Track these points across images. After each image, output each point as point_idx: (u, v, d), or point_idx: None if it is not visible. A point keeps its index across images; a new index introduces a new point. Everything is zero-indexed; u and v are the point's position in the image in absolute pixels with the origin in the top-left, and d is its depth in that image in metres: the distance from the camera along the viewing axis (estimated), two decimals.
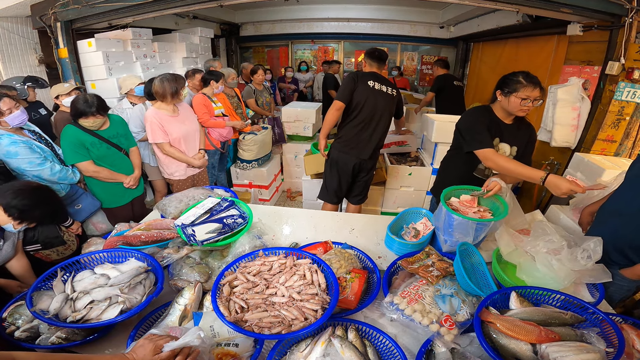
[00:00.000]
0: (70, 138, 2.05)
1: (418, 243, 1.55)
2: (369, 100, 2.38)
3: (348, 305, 1.20)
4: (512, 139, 1.75)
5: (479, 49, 5.55)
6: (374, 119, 2.43)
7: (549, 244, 1.23)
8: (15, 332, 1.14)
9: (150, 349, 0.87)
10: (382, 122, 2.48)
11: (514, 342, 0.97)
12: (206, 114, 3.05)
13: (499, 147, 1.74)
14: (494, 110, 1.76)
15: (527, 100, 1.60)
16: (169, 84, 2.34)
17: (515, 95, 1.62)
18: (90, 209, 2.16)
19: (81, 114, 2.03)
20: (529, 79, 1.59)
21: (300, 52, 7.04)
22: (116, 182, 2.26)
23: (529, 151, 1.83)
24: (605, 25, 2.48)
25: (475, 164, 1.80)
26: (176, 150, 2.48)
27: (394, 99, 2.50)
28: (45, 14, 2.83)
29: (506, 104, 1.67)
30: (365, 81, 2.38)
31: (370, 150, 2.51)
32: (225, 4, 2.96)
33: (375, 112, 2.42)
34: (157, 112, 2.39)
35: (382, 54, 2.48)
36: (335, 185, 2.66)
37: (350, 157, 2.51)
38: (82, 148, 2.08)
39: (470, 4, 2.72)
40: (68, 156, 2.07)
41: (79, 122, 2.07)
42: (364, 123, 2.43)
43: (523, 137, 1.78)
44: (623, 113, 2.47)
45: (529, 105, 1.61)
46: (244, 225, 1.49)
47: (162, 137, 2.39)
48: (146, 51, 3.62)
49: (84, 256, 1.36)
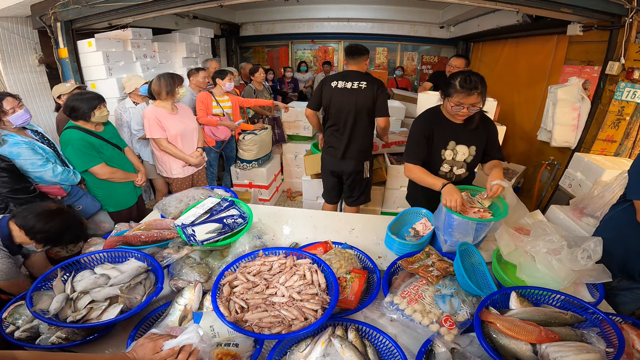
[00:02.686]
0: (78, 142, 1.99)
1: (418, 243, 1.55)
2: (332, 100, 2.38)
3: (348, 305, 1.20)
4: (467, 139, 1.71)
5: (479, 49, 5.55)
6: (342, 118, 2.39)
7: (549, 244, 1.22)
8: (15, 332, 1.14)
9: (150, 347, 0.87)
10: (353, 120, 2.36)
11: (514, 342, 0.97)
12: (202, 111, 3.06)
13: (456, 150, 1.72)
14: (443, 112, 1.72)
15: (460, 106, 1.55)
16: (165, 82, 2.37)
17: (448, 100, 1.58)
18: (91, 210, 2.16)
19: (95, 105, 2.00)
20: (464, 85, 1.50)
21: (301, 52, 7.04)
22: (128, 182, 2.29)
23: (495, 146, 1.76)
24: (605, 25, 2.48)
25: (436, 168, 1.77)
26: (173, 146, 2.49)
27: (363, 92, 2.29)
28: (45, 14, 2.83)
29: (444, 106, 1.65)
30: (329, 83, 2.39)
31: (342, 151, 2.46)
32: (225, 4, 2.96)
33: (341, 111, 2.37)
34: (155, 108, 2.41)
35: (354, 48, 2.35)
36: (325, 184, 2.77)
37: (329, 157, 2.58)
38: (93, 150, 2.05)
39: (470, 4, 2.72)
40: (79, 162, 2.02)
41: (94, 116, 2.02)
42: (335, 124, 2.45)
43: (480, 134, 1.72)
44: (623, 113, 2.47)
45: (463, 111, 1.56)
46: (244, 225, 1.49)
47: (159, 132, 2.41)
48: (146, 51, 3.63)
49: (84, 256, 1.36)
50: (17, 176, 1.74)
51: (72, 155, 2.02)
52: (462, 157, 1.74)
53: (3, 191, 1.66)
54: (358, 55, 2.35)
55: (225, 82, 3.21)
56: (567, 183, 2.54)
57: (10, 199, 1.69)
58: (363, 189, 2.67)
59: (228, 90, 3.32)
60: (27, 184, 1.76)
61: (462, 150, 1.72)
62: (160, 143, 2.45)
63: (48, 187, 1.95)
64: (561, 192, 2.63)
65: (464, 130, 1.70)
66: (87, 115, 2.01)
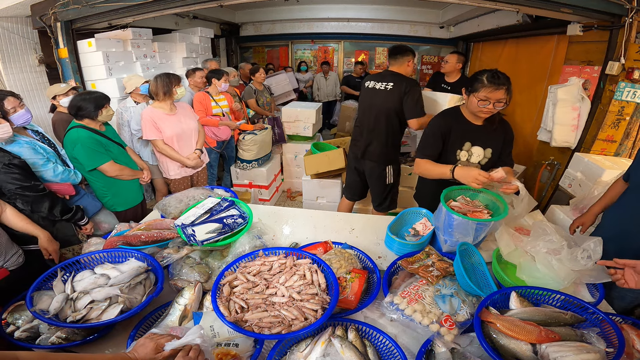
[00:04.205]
0: (87, 140, 1.99)
1: (418, 243, 1.55)
2: (363, 100, 2.48)
3: (348, 305, 1.20)
4: (484, 141, 1.71)
5: (479, 49, 5.55)
6: (365, 119, 2.45)
7: (549, 244, 1.22)
8: (15, 332, 1.14)
9: (151, 347, 0.87)
10: (374, 121, 2.38)
11: (514, 342, 0.97)
12: (202, 112, 3.06)
13: (471, 151, 1.71)
14: (463, 113, 1.72)
15: (486, 101, 1.54)
16: (162, 82, 2.37)
17: (474, 95, 1.57)
18: (92, 210, 2.16)
19: (97, 107, 2.00)
20: (492, 79, 1.50)
21: (301, 52, 7.03)
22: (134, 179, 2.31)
23: (507, 151, 1.76)
24: (605, 25, 2.48)
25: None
26: (169, 148, 2.49)
27: (388, 93, 2.30)
28: (45, 14, 2.83)
29: (468, 103, 1.64)
30: (365, 82, 2.47)
31: (362, 150, 2.48)
32: (225, 4, 2.96)
33: (367, 111, 2.42)
34: (152, 110, 2.41)
35: (395, 48, 2.37)
36: (347, 177, 2.81)
37: (352, 153, 2.65)
38: (102, 147, 2.05)
39: (470, 4, 2.72)
40: (89, 160, 2.01)
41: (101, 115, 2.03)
42: (359, 124, 2.52)
43: (497, 137, 1.72)
44: (623, 113, 2.47)
45: (488, 107, 1.55)
46: (244, 225, 1.49)
47: (155, 134, 2.41)
48: (146, 51, 3.62)
49: (84, 256, 1.36)
50: (28, 174, 1.74)
51: (82, 153, 2.00)
52: (476, 159, 1.73)
53: (12, 187, 1.65)
54: (399, 55, 2.32)
55: (221, 82, 3.21)
56: (567, 183, 2.54)
57: (19, 196, 1.68)
58: (386, 195, 2.59)
59: (223, 90, 3.32)
60: (37, 183, 1.76)
61: (478, 152, 1.71)
62: (156, 144, 2.46)
63: (57, 185, 1.95)
64: (561, 192, 2.63)
65: (481, 132, 1.70)
66: (95, 114, 2.02)
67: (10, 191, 1.66)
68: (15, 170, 1.65)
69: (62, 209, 1.84)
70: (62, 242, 1.84)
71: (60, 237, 1.83)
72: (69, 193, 2.04)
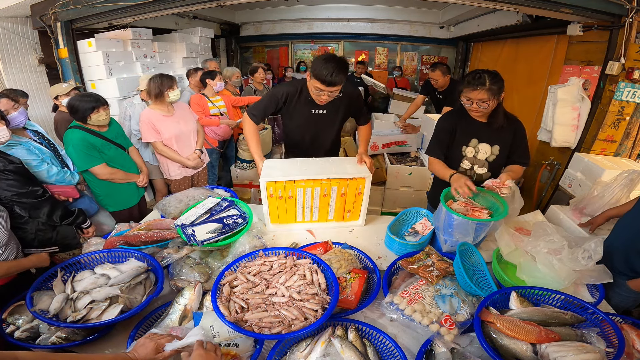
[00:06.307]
0: (79, 142, 1.98)
1: (418, 243, 1.55)
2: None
3: (348, 305, 1.20)
4: (491, 138, 1.72)
5: (479, 49, 5.55)
6: None
7: (549, 244, 1.22)
8: (15, 332, 1.14)
9: (151, 347, 0.87)
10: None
11: (514, 342, 0.97)
12: (200, 113, 3.06)
13: (478, 148, 1.73)
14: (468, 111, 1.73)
15: (469, 101, 1.58)
16: (154, 84, 2.35)
17: (462, 95, 1.62)
18: (89, 212, 2.15)
19: (92, 108, 1.97)
20: (472, 81, 1.54)
21: (301, 52, 7.03)
22: (130, 182, 2.28)
23: (519, 150, 1.75)
24: (605, 25, 2.48)
25: (456, 164, 1.79)
26: (169, 149, 2.48)
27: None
28: (45, 14, 2.83)
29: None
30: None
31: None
32: (225, 4, 2.96)
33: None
34: (150, 111, 2.40)
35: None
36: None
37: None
38: (94, 150, 2.03)
39: (470, 4, 2.72)
40: (80, 162, 2.01)
41: (90, 120, 2.00)
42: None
43: (506, 134, 1.72)
44: (623, 113, 2.47)
45: (473, 107, 1.59)
46: (244, 225, 1.49)
47: (153, 136, 2.40)
48: (146, 51, 3.62)
49: (84, 256, 1.36)
50: (26, 179, 1.66)
51: (73, 155, 2.02)
52: (483, 156, 1.74)
53: (7, 195, 1.58)
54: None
55: (215, 82, 3.20)
56: (567, 183, 2.54)
57: (15, 202, 1.62)
58: None
59: (219, 90, 3.31)
60: (35, 188, 1.68)
61: (485, 149, 1.73)
62: (156, 146, 2.45)
63: (59, 187, 1.93)
64: (561, 192, 2.63)
65: (488, 129, 1.71)
66: (84, 118, 2.00)
67: (6, 198, 1.59)
68: (11, 177, 1.58)
69: (63, 214, 1.79)
70: (62, 246, 1.81)
71: (59, 241, 1.80)
72: (73, 195, 2.02)
